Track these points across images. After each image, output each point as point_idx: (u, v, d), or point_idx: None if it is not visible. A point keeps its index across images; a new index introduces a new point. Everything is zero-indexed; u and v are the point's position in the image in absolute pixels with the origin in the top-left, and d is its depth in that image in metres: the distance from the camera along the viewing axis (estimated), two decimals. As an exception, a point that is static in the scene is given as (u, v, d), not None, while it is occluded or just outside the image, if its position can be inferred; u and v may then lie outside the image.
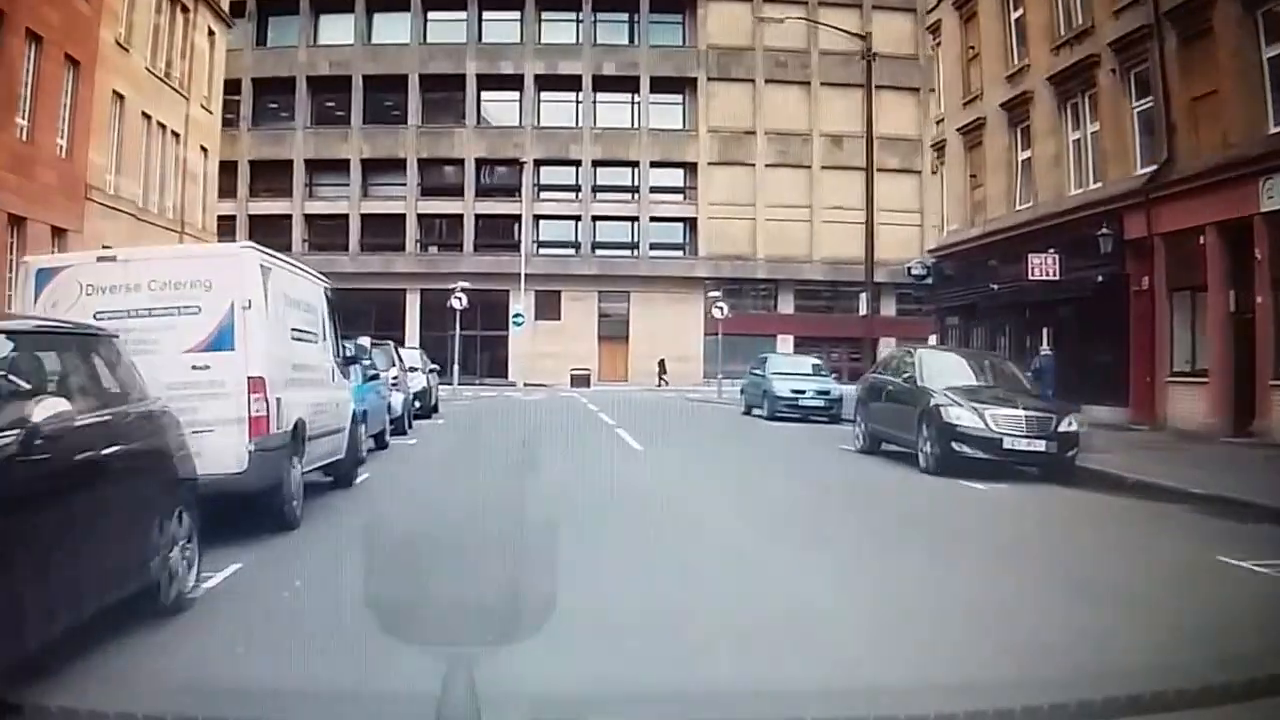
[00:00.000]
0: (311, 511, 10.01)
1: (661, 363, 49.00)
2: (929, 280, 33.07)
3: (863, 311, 54.15)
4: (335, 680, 4.84)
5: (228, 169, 53.37)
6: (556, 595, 3.85)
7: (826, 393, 24.41)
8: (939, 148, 32.95)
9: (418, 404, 21.72)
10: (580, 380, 46.37)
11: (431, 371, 24.40)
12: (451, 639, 3.57)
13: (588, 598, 5.45)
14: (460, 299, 34.34)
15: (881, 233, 55.17)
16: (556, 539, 4.56)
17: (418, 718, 3.45)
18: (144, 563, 5.71)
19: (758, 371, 26.28)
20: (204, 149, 34.36)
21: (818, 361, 28.95)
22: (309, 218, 53.61)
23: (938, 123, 33.45)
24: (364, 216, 53.36)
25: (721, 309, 34.78)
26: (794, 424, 24.65)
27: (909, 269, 35.36)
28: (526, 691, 4.22)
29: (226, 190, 53.65)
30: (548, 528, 4.82)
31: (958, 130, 30.05)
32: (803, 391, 24.47)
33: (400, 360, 20.97)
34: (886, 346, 55.39)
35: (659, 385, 48.11)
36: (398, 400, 18.81)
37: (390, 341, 22.19)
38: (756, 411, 26.39)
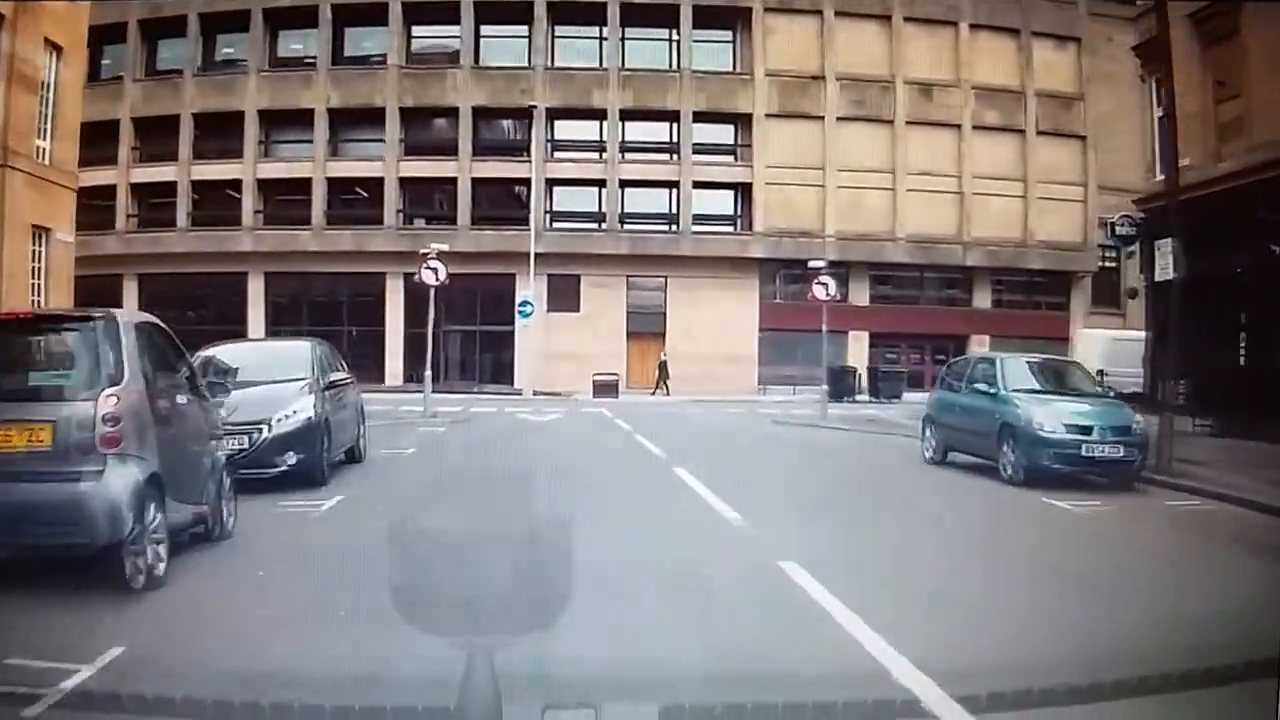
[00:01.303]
0: None
1: (663, 365, 40.24)
2: (1134, 244, 22.10)
3: (979, 303, 44.03)
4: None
5: (165, 125, 43.39)
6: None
7: (1126, 430, 13.55)
8: (1146, 49, 22.10)
9: (292, 460, 11.97)
10: (605, 388, 36.75)
11: (336, 388, 13.32)
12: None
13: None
14: (435, 270, 23.82)
15: (977, 205, 45.15)
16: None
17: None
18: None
19: (980, 386, 15.20)
20: (54, 45, 23.32)
21: (1084, 369, 17.70)
22: (263, 184, 43.08)
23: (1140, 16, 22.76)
24: (331, 181, 43.24)
25: (827, 285, 23.90)
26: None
27: (1111, 226, 24.33)
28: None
29: (160, 153, 43.66)
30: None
31: (1190, 17, 19.13)
32: (1087, 430, 13.62)
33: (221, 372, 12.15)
34: (980, 346, 45.59)
35: (655, 391, 39.80)
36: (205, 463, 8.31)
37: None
38: (960, 457, 15.67)
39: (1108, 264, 47.12)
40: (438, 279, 24.55)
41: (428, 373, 25.72)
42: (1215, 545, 10.05)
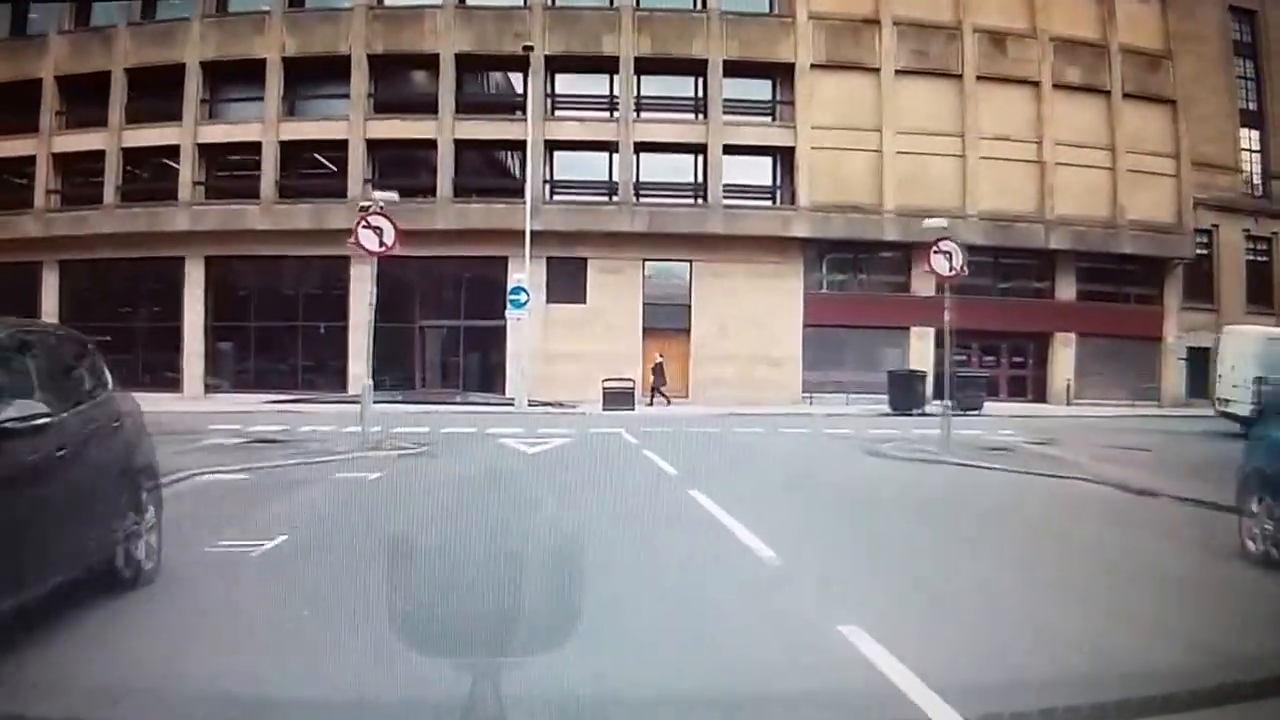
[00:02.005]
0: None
1: (659, 367, 33.17)
2: None
3: (1063, 294, 36.79)
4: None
5: (94, 85, 36.14)
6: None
7: None
8: None
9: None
10: (618, 398, 30.81)
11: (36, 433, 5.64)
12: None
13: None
14: (379, 231, 16.43)
15: (1060, 177, 37.87)
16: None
17: None
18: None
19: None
20: None
21: None
22: (205, 150, 37.43)
23: None
24: (285, 146, 35.68)
25: (950, 256, 16.13)
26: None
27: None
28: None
29: (87, 118, 36.50)
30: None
31: None
32: None
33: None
34: (1065, 346, 38.38)
35: (652, 401, 32.65)
36: None
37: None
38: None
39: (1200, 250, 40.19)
40: (381, 244, 17.20)
41: (365, 383, 18.30)
42: None
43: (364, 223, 17.31)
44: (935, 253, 18.04)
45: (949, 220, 36.51)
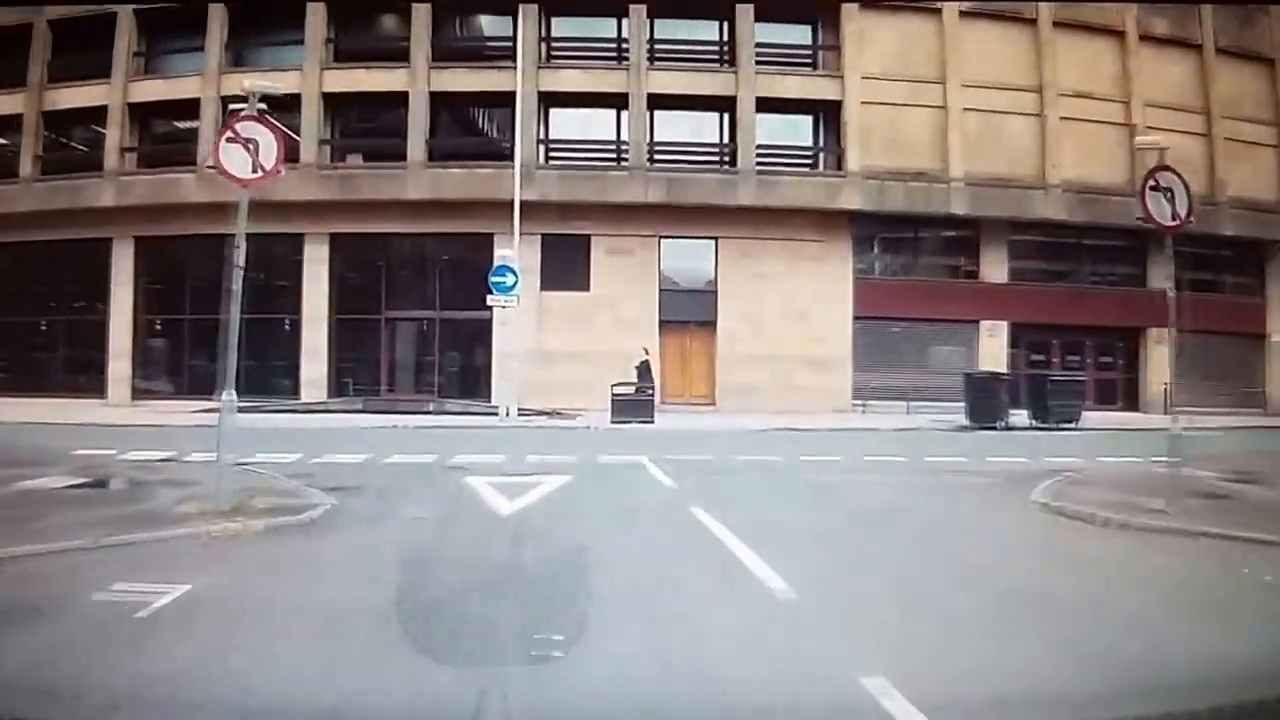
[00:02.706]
0: None
1: (644, 367, 26.57)
2: None
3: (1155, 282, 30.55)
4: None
5: (12, 40, 30.38)
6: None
7: None
8: None
9: None
10: (632, 407, 25.50)
11: None
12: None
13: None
14: (252, 146, 9.70)
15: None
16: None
17: None
18: None
19: None
20: None
21: None
22: (136, 111, 32.16)
23: None
24: (228, 104, 28.05)
25: (1173, 195, 9.49)
26: None
27: None
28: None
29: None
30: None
31: None
32: None
33: None
34: (1159, 344, 32.14)
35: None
36: None
37: None
38: None
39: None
40: (256, 167, 10.85)
41: (225, 399, 11.50)
42: None
43: (230, 133, 10.94)
44: (1150, 189, 11.59)
45: (1027, 191, 30.74)
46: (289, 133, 12.35)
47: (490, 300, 23.83)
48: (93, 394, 30.11)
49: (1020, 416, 25.54)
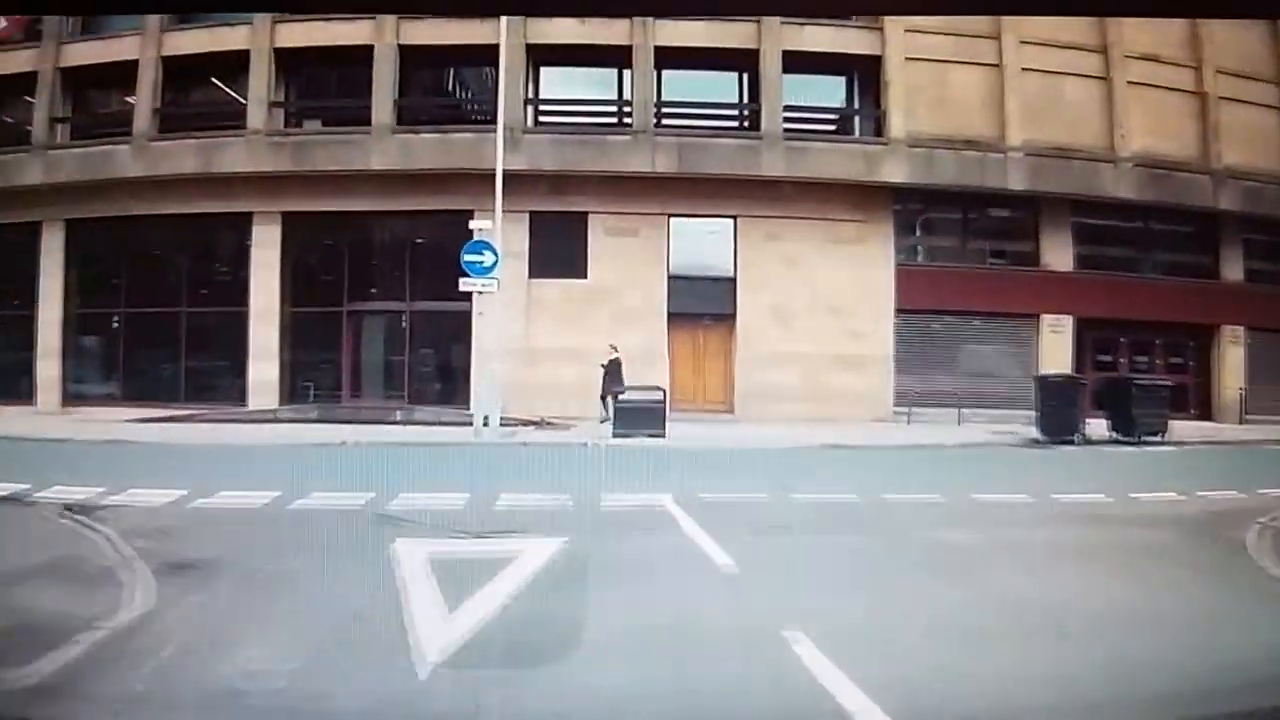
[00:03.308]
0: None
1: (613, 367, 22.14)
2: None
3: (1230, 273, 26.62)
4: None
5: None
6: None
7: None
8: None
9: None
10: (638, 416, 20.33)
11: None
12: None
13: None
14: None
15: (1224, 115, 27.54)
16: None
17: None
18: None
19: None
20: None
21: None
22: (68, 76, 27.37)
23: None
24: (169, 65, 24.73)
25: None
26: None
27: None
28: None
29: None
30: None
31: None
32: None
33: None
34: (1233, 343, 27.99)
35: (606, 420, 21.46)
36: None
37: None
38: None
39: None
40: None
41: None
42: None
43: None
44: None
45: (1093, 165, 26.26)
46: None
47: (464, 285, 19.21)
48: (21, 400, 25.63)
49: (1092, 426, 21.32)
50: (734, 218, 24.43)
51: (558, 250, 24.08)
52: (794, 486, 11.78)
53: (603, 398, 22.17)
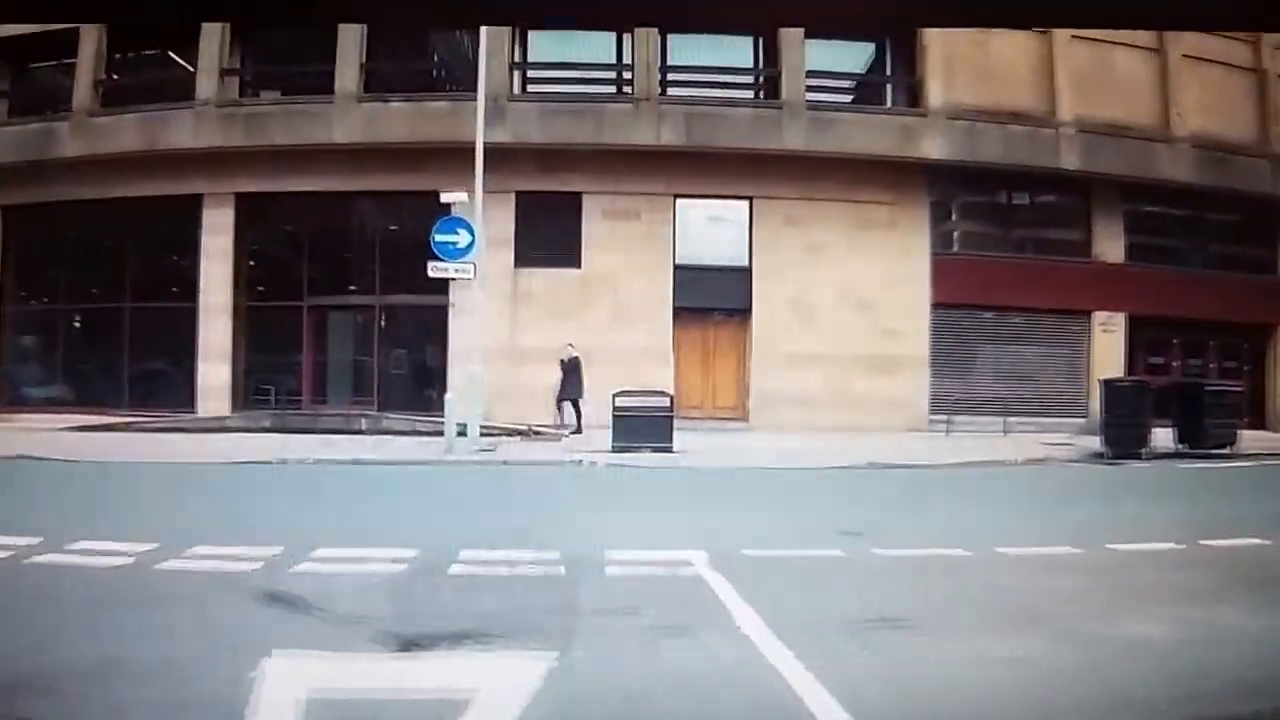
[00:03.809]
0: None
1: (572, 368, 19.44)
2: None
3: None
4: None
5: None
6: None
7: None
8: None
9: None
10: (641, 427, 17.13)
11: None
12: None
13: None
14: None
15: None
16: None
17: None
18: None
19: None
20: None
21: None
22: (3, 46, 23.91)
23: None
24: (110, 29, 21.24)
25: None
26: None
27: None
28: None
29: None
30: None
31: None
32: None
33: None
34: None
35: (566, 430, 19.22)
36: None
37: None
38: None
39: None
40: None
41: None
42: None
43: None
44: None
45: (1148, 144, 23.17)
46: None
47: (434, 269, 15.97)
48: (-50, 407, 22.48)
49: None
50: (749, 199, 21.09)
51: (548, 236, 20.79)
52: (860, 528, 8.59)
53: (559, 403, 19.11)
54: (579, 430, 18.59)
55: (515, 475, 13.21)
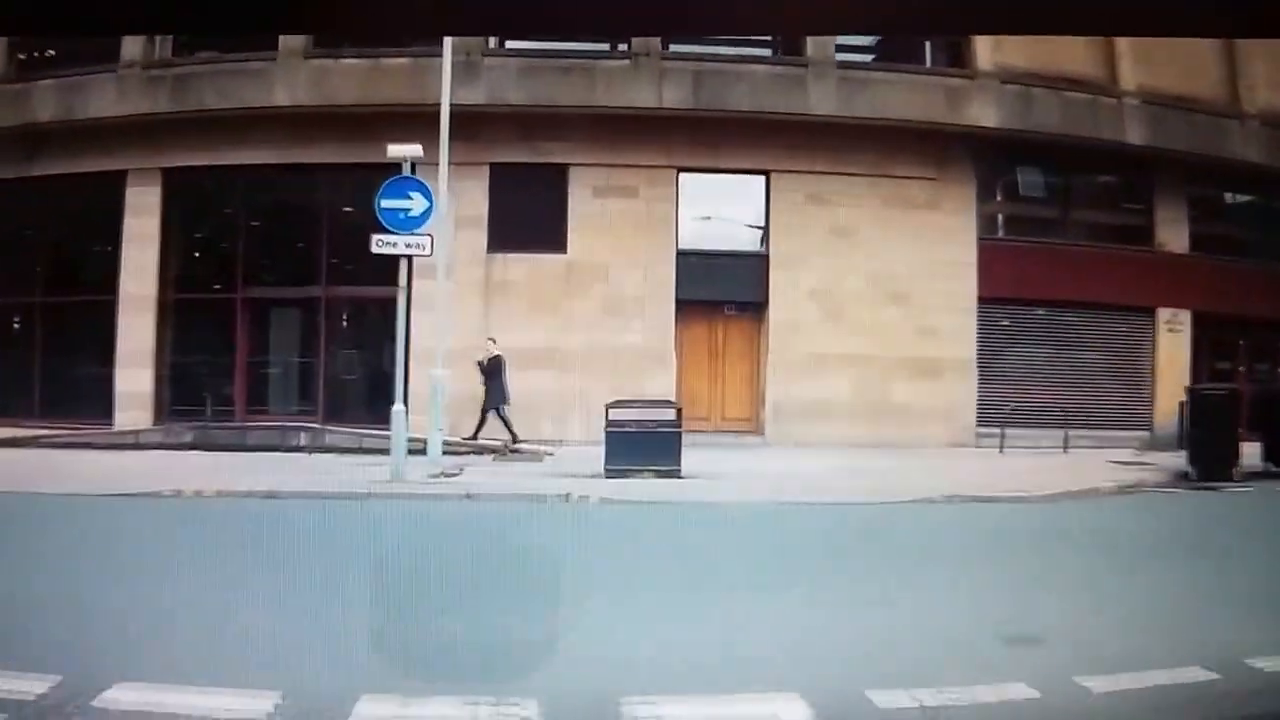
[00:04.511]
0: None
1: (493, 369, 15.84)
2: None
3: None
4: None
5: None
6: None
7: None
8: None
9: None
10: (638, 446, 13.22)
11: None
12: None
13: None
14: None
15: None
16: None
17: None
18: None
19: None
20: None
21: None
22: None
23: None
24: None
25: None
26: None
27: None
28: None
29: None
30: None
31: None
32: None
33: None
34: None
35: (476, 434, 15.85)
36: None
37: None
38: None
39: None
40: None
41: None
42: None
43: None
44: None
45: (1217, 120, 19.96)
46: None
47: (379, 245, 12.57)
48: None
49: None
50: (766, 173, 17.64)
51: (528, 216, 17.29)
52: (1026, 625, 5.25)
53: (484, 412, 15.54)
54: (511, 445, 15.28)
55: (477, 517, 9.74)
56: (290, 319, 18.49)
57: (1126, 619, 5.80)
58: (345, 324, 18.24)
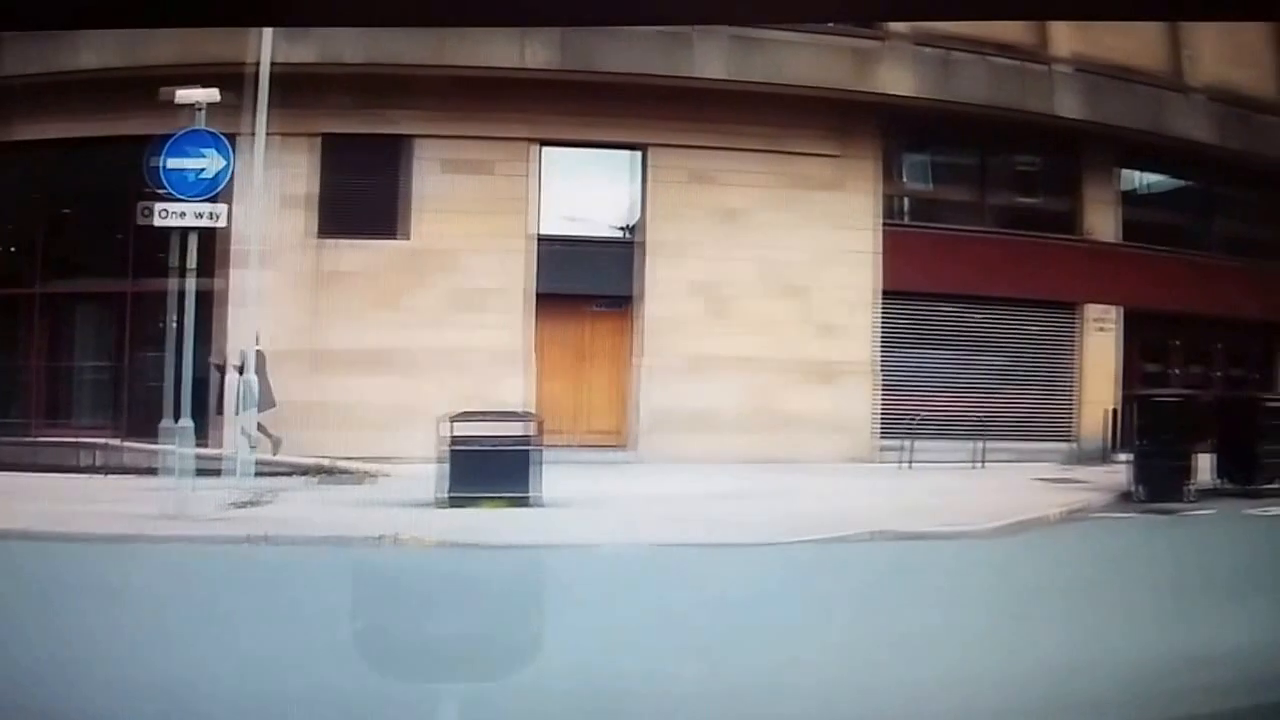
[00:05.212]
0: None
1: (258, 366, 13.35)
2: None
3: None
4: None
5: None
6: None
7: None
8: None
9: None
10: (493, 467, 10.98)
11: None
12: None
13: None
14: None
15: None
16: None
17: None
18: None
19: None
20: None
21: None
22: None
23: None
24: None
25: None
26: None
27: None
28: None
29: None
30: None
31: None
32: None
33: None
34: None
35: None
36: None
37: None
38: None
39: None
40: None
41: None
42: None
43: None
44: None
45: (1158, 93, 18.00)
46: None
47: (161, 214, 10.32)
48: None
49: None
50: (643, 147, 15.30)
51: (364, 195, 14.86)
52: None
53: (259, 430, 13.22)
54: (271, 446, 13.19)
55: (267, 571, 7.34)
56: (92, 317, 15.81)
57: None
58: (144, 322, 15.60)
